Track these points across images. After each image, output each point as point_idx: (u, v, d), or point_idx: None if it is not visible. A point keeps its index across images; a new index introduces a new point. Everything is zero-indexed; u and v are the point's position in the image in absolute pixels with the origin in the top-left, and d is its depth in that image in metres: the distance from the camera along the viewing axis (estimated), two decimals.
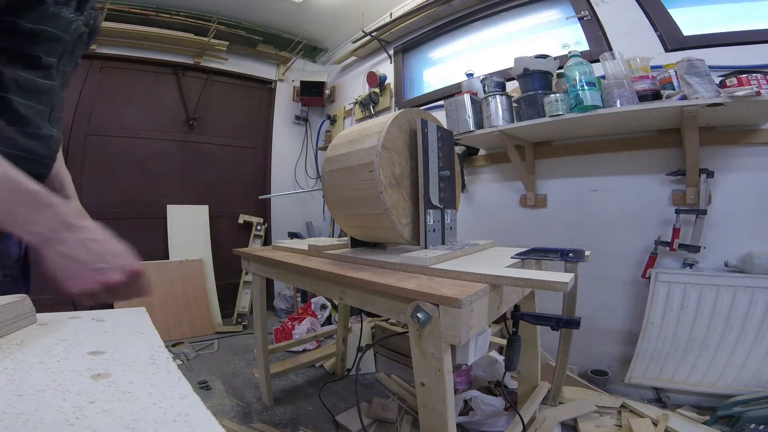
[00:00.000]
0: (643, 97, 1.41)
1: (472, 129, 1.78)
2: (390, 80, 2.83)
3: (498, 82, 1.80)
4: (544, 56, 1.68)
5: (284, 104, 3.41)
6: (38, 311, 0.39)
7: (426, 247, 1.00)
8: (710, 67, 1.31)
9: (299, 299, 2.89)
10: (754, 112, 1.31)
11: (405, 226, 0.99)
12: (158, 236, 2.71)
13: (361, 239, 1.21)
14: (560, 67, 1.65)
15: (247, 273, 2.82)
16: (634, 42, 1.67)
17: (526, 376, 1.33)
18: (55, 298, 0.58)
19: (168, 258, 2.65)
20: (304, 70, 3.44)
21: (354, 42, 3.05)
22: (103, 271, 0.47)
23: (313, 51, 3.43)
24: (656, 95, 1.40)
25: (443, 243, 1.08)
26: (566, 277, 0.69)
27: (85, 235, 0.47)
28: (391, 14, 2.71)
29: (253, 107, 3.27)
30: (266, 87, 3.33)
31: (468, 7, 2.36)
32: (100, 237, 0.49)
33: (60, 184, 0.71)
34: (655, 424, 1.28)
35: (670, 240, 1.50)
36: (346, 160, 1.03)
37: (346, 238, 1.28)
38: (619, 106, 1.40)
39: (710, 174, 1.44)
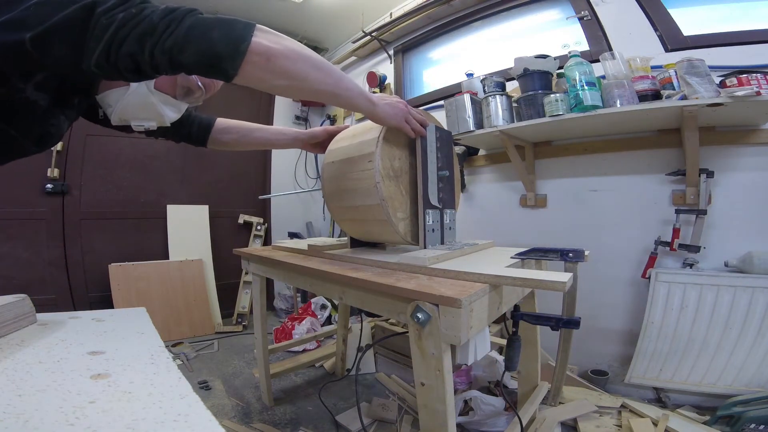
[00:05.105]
0: (643, 97, 1.41)
1: (472, 129, 1.78)
2: (390, 80, 2.83)
3: (498, 82, 1.79)
4: (544, 56, 1.68)
5: (284, 104, 3.40)
6: (38, 311, 0.39)
7: (425, 247, 1.00)
8: (710, 67, 1.31)
9: (299, 299, 2.89)
10: (754, 112, 1.31)
11: (400, 221, 0.99)
12: (158, 236, 2.71)
13: (357, 236, 1.21)
14: (560, 67, 1.65)
15: (247, 273, 2.82)
16: (634, 42, 1.67)
17: (526, 376, 1.32)
18: None
19: (168, 258, 2.65)
20: None
21: (354, 42, 3.05)
22: (409, 119, 0.95)
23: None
24: (656, 95, 1.40)
25: (442, 243, 1.08)
26: (565, 277, 0.69)
27: (387, 101, 0.92)
28: (391, 14, 2.70)
29: (253, 107, 3.26)
30: None
31: (468, 7, 2.36)
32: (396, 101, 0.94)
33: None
34: (655, 424, 1.29)
35: (670, 240, 1.50)
36: (347, 152, 1.04)
37: (346, 238, 1.28)
38: (619, 106, 1.40)
39: (710, 174, 1.44)
